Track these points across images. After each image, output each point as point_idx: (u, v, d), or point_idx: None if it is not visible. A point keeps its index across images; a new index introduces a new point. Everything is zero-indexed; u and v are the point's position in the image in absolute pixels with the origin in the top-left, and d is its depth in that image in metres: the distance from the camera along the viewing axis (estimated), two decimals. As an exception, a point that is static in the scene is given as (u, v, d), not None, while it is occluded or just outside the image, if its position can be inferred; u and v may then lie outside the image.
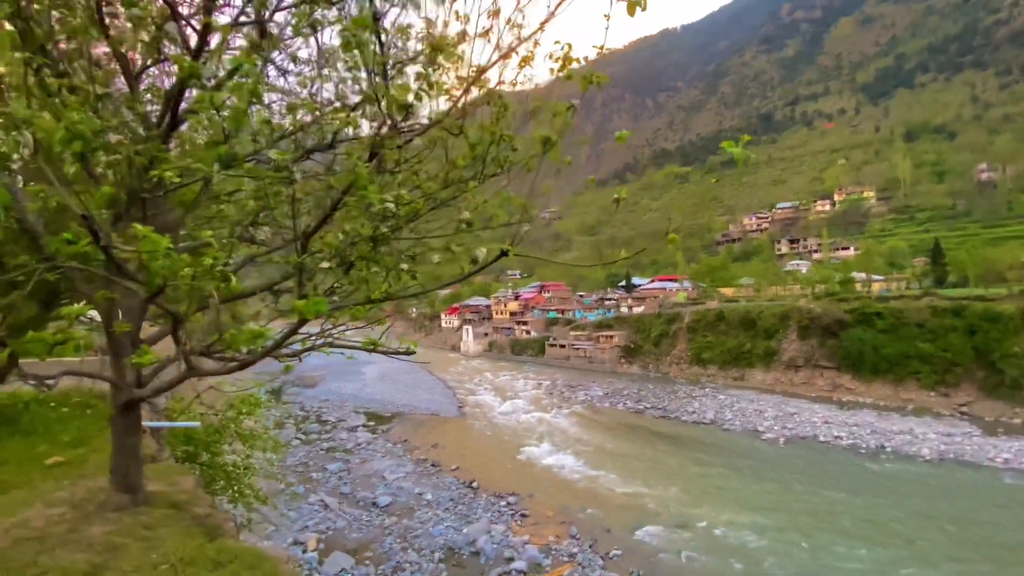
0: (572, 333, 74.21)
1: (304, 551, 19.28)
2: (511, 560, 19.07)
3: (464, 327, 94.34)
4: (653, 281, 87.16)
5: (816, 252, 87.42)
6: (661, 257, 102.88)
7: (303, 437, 35.85)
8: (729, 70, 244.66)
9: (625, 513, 23.44)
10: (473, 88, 3.40)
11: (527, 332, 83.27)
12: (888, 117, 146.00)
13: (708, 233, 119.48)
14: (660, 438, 36.26)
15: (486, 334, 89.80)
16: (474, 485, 26.70)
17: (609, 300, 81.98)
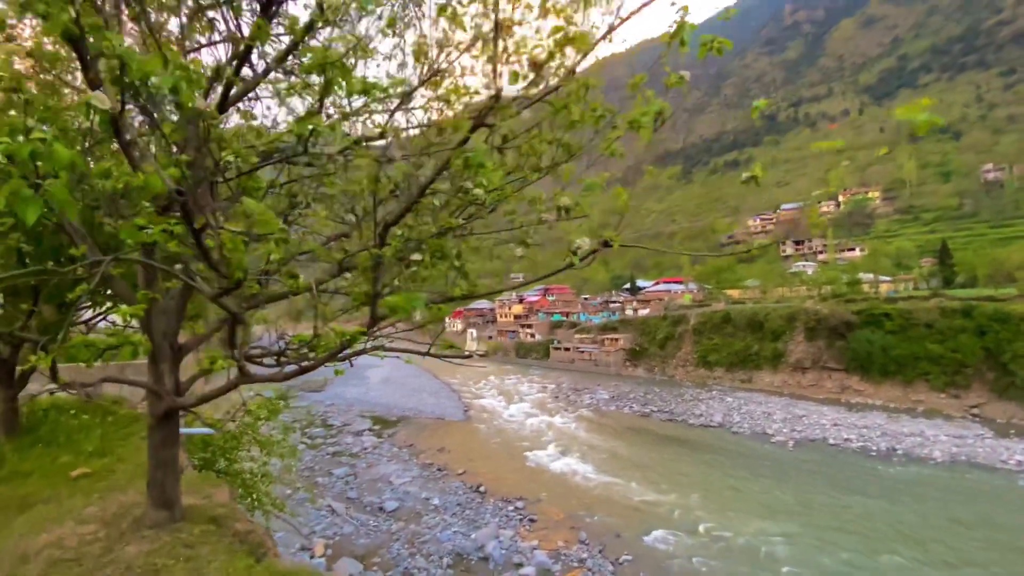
0: (577, 336, 73.94)
1: (312, 556, 19.08)
2: (520, 566, 18.82)
3: (468, 330, 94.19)
4: (658, 283, 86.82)
5: (821, 253, 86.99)
6: (665, 259, 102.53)
7: (308, 441, 35.68)
8: (731, 72, 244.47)
9: (634, 518, 23.15)
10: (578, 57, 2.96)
11: (531, 335, 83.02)
12: (892, 118, 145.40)
13: (712, 234, 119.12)
14: (668, 441, 35.95)
15: (490, 337, 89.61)
16: (481, 489, 26.46)
17: (614, 303, 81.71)
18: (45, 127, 2.18)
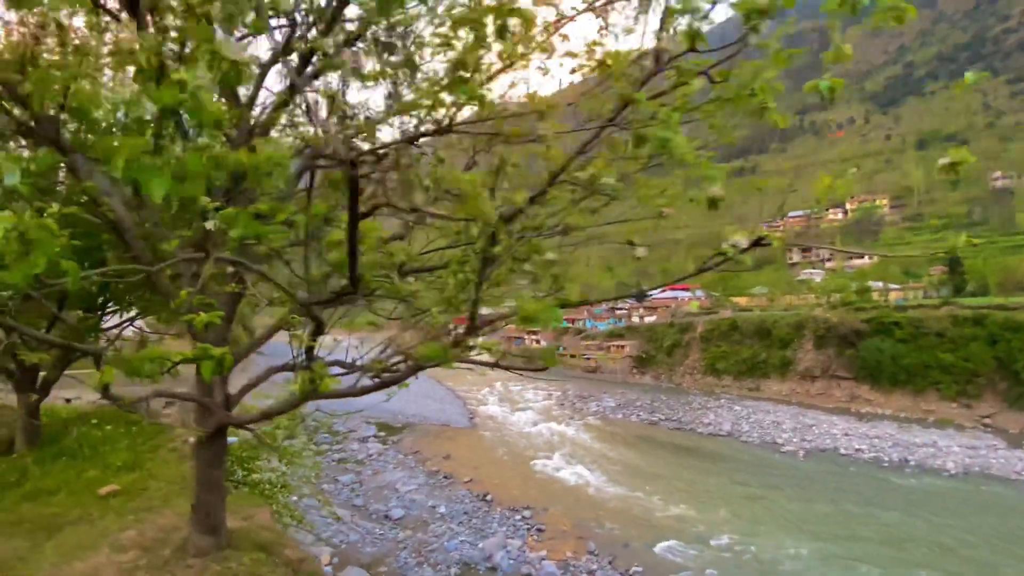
0: (583, 343, 73.61)
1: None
2: (529, 576, 18.55)
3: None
4: (664, 290, 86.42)
5: (829, 261, 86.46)
6: (671, 266, 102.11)
7: (315, 447, 35.45)
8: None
9: (644, 528, 22.82)
10: None
11: (537, 342, 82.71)
12: (898, 125, 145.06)
13: (719, 241, 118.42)
14: (676, 451, 35.57)
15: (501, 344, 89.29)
16: (488, 498, 26.18)
17: (620, 309, 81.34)
18: (200, 73, 1.60)
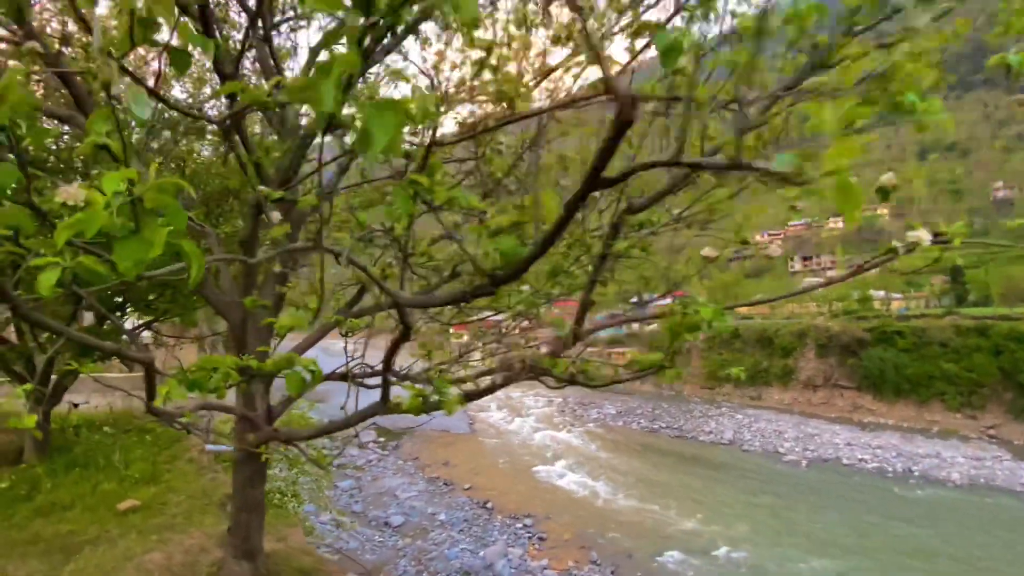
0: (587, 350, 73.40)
1: (316, 573, 18.62)
2: (531, 586, 18.30)
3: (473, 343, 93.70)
4: (665, 298, 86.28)
5: (830, 270, 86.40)
6: (671, 274, 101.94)
7: (313, 452, 35.22)
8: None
9: (646, 537, 22.56)
10: None
11: (537, 349, 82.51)
12: (899, 135, 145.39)
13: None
14: (678, 459, 35.29)
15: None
16: (488, 505, 25.92)
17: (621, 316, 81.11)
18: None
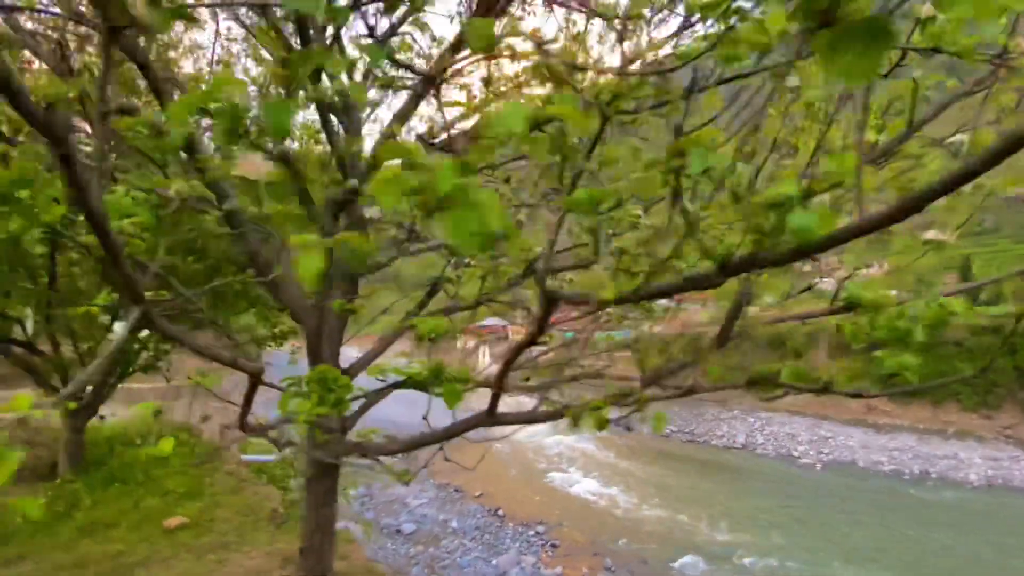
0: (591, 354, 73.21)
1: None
2: (545, 594, 18.06)
3: (480, 347, 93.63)
4: (680, 300, 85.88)
5: (840, 269, 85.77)
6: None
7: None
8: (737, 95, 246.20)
9: (660, 543, 22.27)
10: None
11: (544, 354, 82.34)
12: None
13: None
14: (689, 463, 34.94)
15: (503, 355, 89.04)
16: (500, 513, 25.71)
17: (626, 319, 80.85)
18: None
